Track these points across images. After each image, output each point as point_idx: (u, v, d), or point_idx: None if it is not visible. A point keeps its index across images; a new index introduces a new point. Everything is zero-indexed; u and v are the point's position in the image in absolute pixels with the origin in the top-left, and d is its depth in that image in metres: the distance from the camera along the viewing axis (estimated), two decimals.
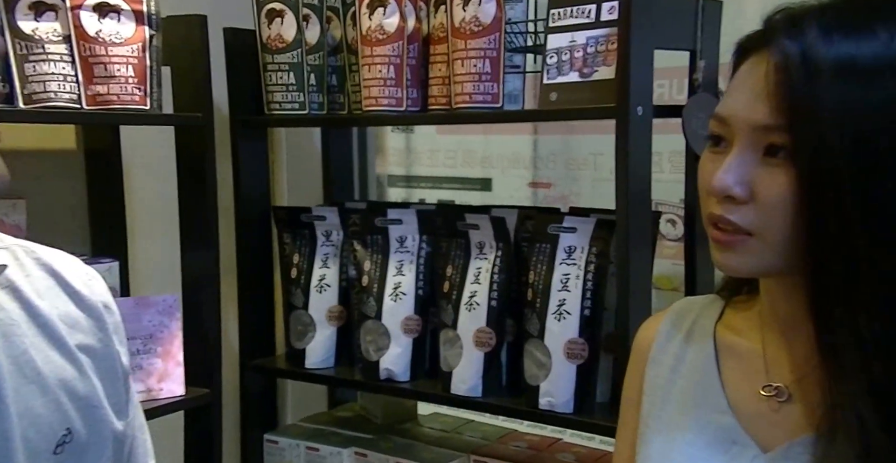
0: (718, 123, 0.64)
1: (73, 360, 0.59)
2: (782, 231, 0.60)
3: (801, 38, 0.58)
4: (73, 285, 0.62)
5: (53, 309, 0.60)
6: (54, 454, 0.56)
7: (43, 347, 0.58)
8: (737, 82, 0.64)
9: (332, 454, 1.29)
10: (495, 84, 1.08)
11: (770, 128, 0.60)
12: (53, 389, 0.57)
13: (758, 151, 0.61)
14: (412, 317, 1.20)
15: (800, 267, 0.61)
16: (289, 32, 1.23)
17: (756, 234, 0.61)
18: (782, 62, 0.59)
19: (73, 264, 0.65)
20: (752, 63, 0.62)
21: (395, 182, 1.79)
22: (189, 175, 1.19)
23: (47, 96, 1.00)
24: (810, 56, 0.58)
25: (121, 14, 1.03)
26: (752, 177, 0.61)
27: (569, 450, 1.24)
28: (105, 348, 0.62)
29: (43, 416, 0.56)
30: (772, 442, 0.65)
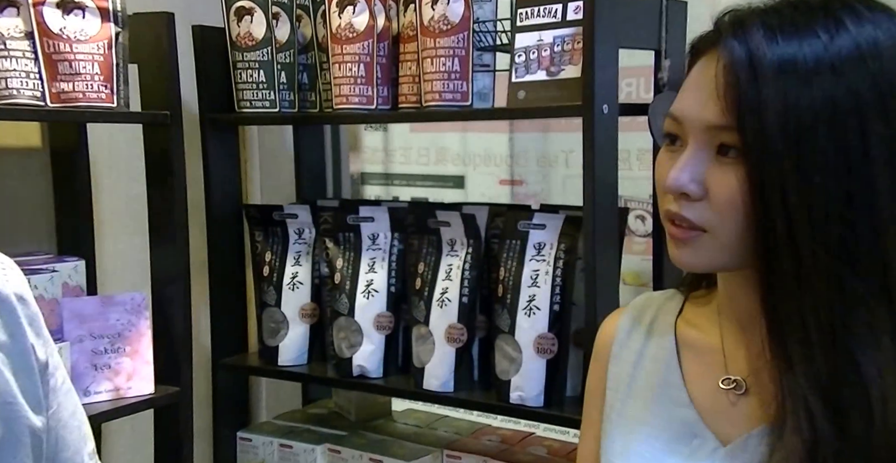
0: (673, 122, 0.65)
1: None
2: (734, 228, 0.62)
3: (747, 39, 0.60)
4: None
5: None
6: None
7: None
8: (689, 82, 0.65)
9: (306, 451, 1.29)
10: (464, 82, 1.08)
11: (721, 128, 0.61)
12: None
13: (711, 150, 0.63)
14: (384, 314, 1.21)
15: (751, 263, 0.63)
16: (258, 30, 1.23)
17: (710, 230, 0.63)
18: (730, 63, 0.60)
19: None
20: (704, 63, 0.64)
21: (369, 180, 1.80)
22: (157, 173, 1.18)
23: (9, 93, 0.99)
24: (755, 57, 0.59)
25: (85, 11, 1.02)
26: (706, 175, 0.62)
27: (541, 443, 1.26)
28: (17, 343, 0.60)
29: None
30: (731, 435, 0.67)
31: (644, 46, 1.07)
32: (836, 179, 0.59)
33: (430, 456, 1.23)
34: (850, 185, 0.59)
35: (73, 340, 1.08)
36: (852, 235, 0.59)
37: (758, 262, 0.62)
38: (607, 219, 1.00)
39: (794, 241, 0.59)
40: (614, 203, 1.01)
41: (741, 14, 0.63)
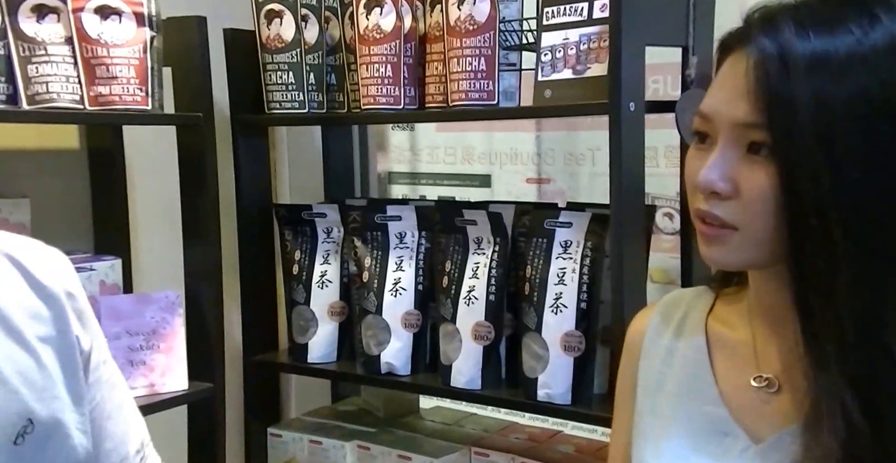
0: (702, 121, 0.65)
1: (31, 351, 0.59)
2: (766, 225, 0.62)
3: (778, 35, 0.60)
4: (35, 276, 0.62)
5: (12, 302, 0.60)
6: (14, 445, 0.56)
7: (1, 340, 0.58)
8: (719, 80, 0.65)
9: (335, 447, 1.30)
10: (490, 82, 1.09)
11: (751, 125, 0.61)
12: (11, 381, 0.58)
13: (741, 148, 0.62)
14: (412, 312, 1.22)
15: (783, 260, 0.63)
16: (287, 32, 1.25)
17: (741, 228, 0.63)
18: (760, 60, 0.60)
19: (37, 253, 0.64)
20: (733, 61, 0.64)
21: (396, 179, 1.81)
22: (190, 173, 1.21)
23: (50, 97, 1.02)
24: (786, 53, 0.59)
25: (122, 16, 1.05)
26: (736, 173, 0.62)
27: (569, 441, 1.26)
28: (64, 338, 0.62)
29: (1, 408, 0.57)
30: (762, 433, 0.67)
31: (671, 43, 1.07)
32: (870, 175, 0.58)
33: (458, 453, 1.23)
34: (884, 180, 0.59)
35: (109, 337, 1.11)
36: (886, 230, 0.59)
37: (789, 259, 0.62)
38: (634, 216, 1.00)
39: (827, 237, 0.59)
40: (641, 201, 1.01)
41: (771, 10, 0.62)
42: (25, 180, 1.18)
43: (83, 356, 0.64)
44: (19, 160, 1.19)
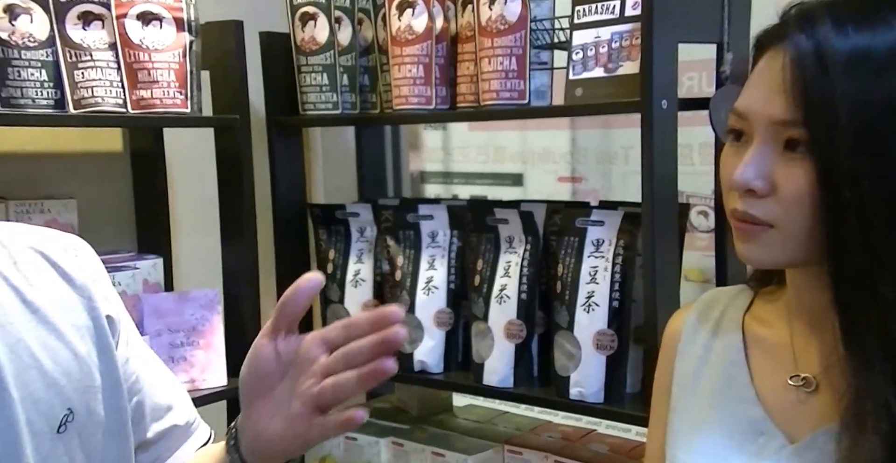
0: (738, 118, 0.65)
1: (67, 342, 0.61)
2: (803, 223, 0.61)
3: (815, 32, 0.59)
4: (62, 266, 0.64)
5: (45, 294, 0.61)
6: (57, 433, 0.58)
7: (38, 333, 0.60)
8: (754, 77, 0.65)
9: (370, 444, 1.32)
10: (521, 81, 1.09)
11: (788, 123, 0.61)
12: (51, 372, 0.59)
13: (777, 146, 0.62)
14: (444, 310, 1.23)
15: (821, 258, 0.62)
16: (321, 34, 1.27)
17: (776, 225, 0.62)
18: (797, 57, 0.60)
19: (61, 243, 0.66)
20: (769, 58, 0.63)
21: (429, 178, 1.82)
22: (228, 174, 1.23)
23: (95, 101, 1.05)
24: (824, 50, 0.59)
25: (162, 22, 1.08)
26: (773, 171, 0.62)
27: (602, 441, 1.25)
28: (97, 324, 0.64)
29: (44, 399, 0.59)
30: (798, 432, 0.66)
31: (705, 40, 1.06)
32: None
33: (492, 450, 1.24)
34: None
35: (152, 334, 1.14)
36: None
37: (828, 257, 0.61)
38: (667, 215, 0.99)
39: (867, 235, 0.58)
40: (674, 199, 1.01)
41: (809, 7, 0.62)
42: (72, 182, 1.22)
43: (115, 336, 0.66)
44: (67, 163, 1.24)
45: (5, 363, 0.57)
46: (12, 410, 0.56)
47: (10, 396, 0.56)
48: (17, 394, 0.56)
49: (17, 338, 0.58)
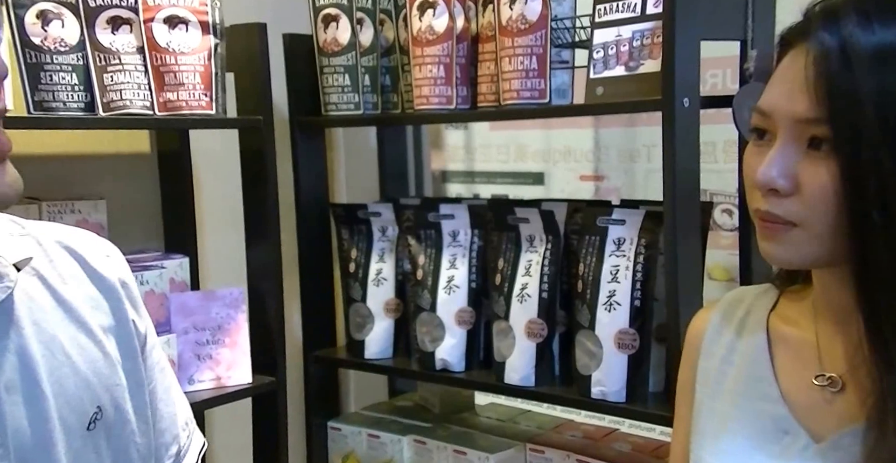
0: (761, 117, 0.65)
1: (97, 341, 0.63)
2: (827, 222, 0.61)
3: (839, 29, 0.59)
4: (93, 266, 0.65)
5: (77, 293, 0.63)
6: (87, 430, 0.60)
7: (70, 331, 0.61)
8: (778, 75, 0.64)
9: (392, 442, 1.33)
10: (542, 80, 1.10)
11: (811, 121, 0.60)
12: (82, 370, 0.61)
13: (801, 144, 0.62)
14: (465, 309, 1.24)
15: (846, 257, 0.61)
16: (343, 36, 1.28)
17: (800, 224, 0.62)
18: (821, 54, 0.59)
19: (92, 244, 0.67)
20: (793, 55, 0.63)
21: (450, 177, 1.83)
22: (252, 174, 1.25)
23: (123, 104, 1.07)
24: (849, 46, 0.58)
25: (188, 25, 1.10)
26: (796, 170, 0.61)
27: (626, 440, 1.25)
28: (123, 326, 0.65)
29: (75, 396, 0.60)
30: (824, 432, 0.66)
31: (728, 37, 1.05)
32: None
33: (514, 449, 1.24)
34: None
35: (179, 332, 1.16)
36: None
37: (852, 257, 0.61)
38: (689, 214, 0.99)
39: (892, 234, 0.58)
40: (696, 198, 1.00)
41: (833, 4, 0.62)
42: (102, 183, 1.24)
43: (140, 341, 0.67)
44: (96, 164, 1.26)
45: (39, 360, 0.58)
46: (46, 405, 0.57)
47: (44, 392, 0.58)
48: (50, 390, 0.58)
49: (50, 335, 0.60)
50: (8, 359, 0.57)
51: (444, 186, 1.82)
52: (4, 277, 0.57)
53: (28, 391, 0.57)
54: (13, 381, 0.56)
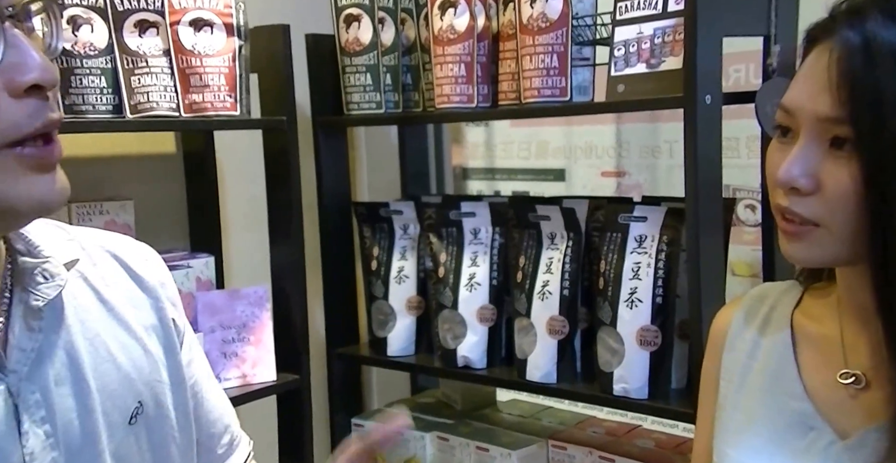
0: (784, 115, 0.64)
1: (138, 339, 0.65)
2: (848, 222, 0.61)
3: (864, 27, 0.59)
4: (133, 269, 0.68)
5: (119, 294, 0.66)
6: (129, 424, 0.62)
7: (113, 330, 0.64)
8: (802, 73, 0.64)
9: (415, 438, 1.34)
10: (563, 78, 1.10)
11: (834, 120, 0.60)
12: (125, 366, 0.63)
13: (824, 143, 0.62)
14: (487, 306, 1.24)
15: (866, 257, 0.61)
16: (365, 35, 1.29)
17: (822, 224, 0.62)
18: (844, 52, 0.59)
19: (132, 248, 0.70)
20: (817, 53, 0.63)
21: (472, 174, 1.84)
22: (275, 174, 1.26)
23: (150, 106, 1.09)
24: (873, 45, 0.58)
25: (213, 27, 1.11)
26: (818, 169, 0.61)
27: (648, 436, 1.25)
28: (163, 324, 0.68)
29: (118, 391, 0.62)
30: (849, 429, 0.66)
31: (751, 33, 1.04)
32: None
33: (536, 445, 1.25)
34: None
35: (205, 331, 1.18)
36: None
37: (872, 256, 0.61)
38: (711, 210, 0.99)
39: None
40: (718, 194, 1.00)
41: (858, 2, 0.61)
42: (129, 184, 1.26)
43: (180, 338, 0.70)
44: (124, 165, 1.28)
45: (84, 356, 0.61)
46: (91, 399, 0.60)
47: (89, 386, 0.60)
48: (94, 385, 0.60)
49: (94, 333, 0.62)
50: (57, 354, 0.59)
51: (466, 183, 1.83)
52: (56, 276, 0.59)
53: (75, 385, 0.59)
54: (62, 375, 0.59)
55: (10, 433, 0.55)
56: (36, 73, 0.51)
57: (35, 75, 0.51)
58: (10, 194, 0.52)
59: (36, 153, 0.52)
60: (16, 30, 0.52)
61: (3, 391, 0.55)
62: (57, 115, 0.54)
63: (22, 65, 0.51)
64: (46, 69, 0.52)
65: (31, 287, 0.58)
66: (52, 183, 0.53)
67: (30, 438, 0.55)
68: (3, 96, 0.50)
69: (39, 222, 0.63)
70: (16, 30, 0.52)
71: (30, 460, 0.55)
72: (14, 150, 0.51)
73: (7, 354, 0.56)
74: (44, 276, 0.59)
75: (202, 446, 0.71)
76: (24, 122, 0.51)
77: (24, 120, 0.51)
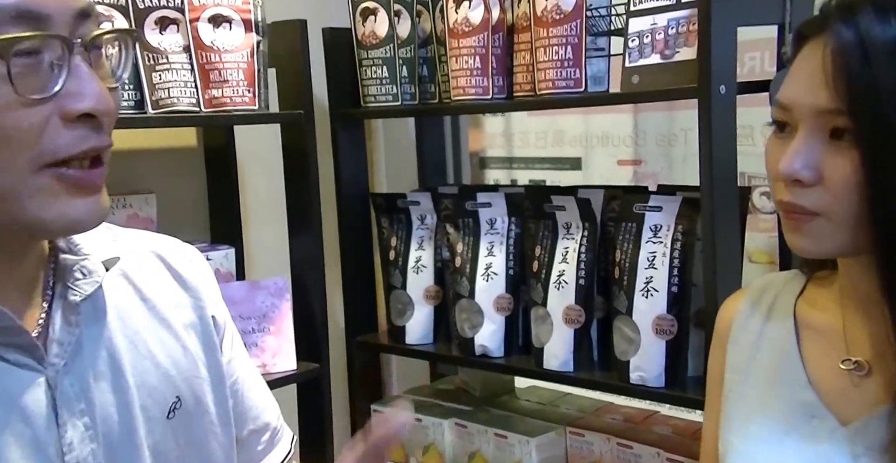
0: (780, 110, 0.65)
1: (178, 337, 0.67)
2: (850, 212, 0.61)
3: (857, 22, 0.59)
4: (176, 269, 0.70)
5: (161, 293, 0.68)
6: (167, 419, 0.64)
7: (153, 328, 0.66)
8: (796, 68, 0.65)
9: (434, 425, 1.36)
10: (577, 69, 1.10)
11: (833, 111, 0.61)
12: (163, 363, 0.65)
13: (823, 135, 0.62)
14: (504, 295, 1.26)
15: (868, 247, 0.62)
16: (381, 28, 1.30)
17: (824, 214, 0.63)
18: (839, 48, 0.60)
19: (177, 249, 0.72)
20: (810, 49, 0.63)
21: (489, 163, 1.85)
22: (294, 167, 1.28)
23: (171, 102, 1.11)
24: (866, 39, 0.59)
25: (232, 23, 1.13)
26: (819, 160, 0.62)
27: (666, 423, 1.25)
28: (204, 323, 0.70)
29: (156, 387, 0.63)
30: (851, 415, 0.67)
31: (766, 22, 1.04)
32: None
33: (554, 432, 1.26)
34: None
35: None
36: None
37: (875, 246, 0.61)
38: (726, 200, 0.99)
39: None
40: (732, 184, 1.00)
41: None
42: (152, 178, 1.29)
43: (220, 335, 0.72)
44: (146, 159, 1.31)
45: (124, 353, 0.63)
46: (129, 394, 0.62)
47: (127, 382, 0.62)
48: (132, 381, 0.62)
49: (134, 330, 0.65)
50: (97, 350, 0.61)
51: (483, 173, 1.84)
52: (94, 273, 0.61)
53: (114, 381, 0.61)
54: (101, 370, 0.61)
55: (49, 424, 0.57)
56: (89, 103, 0.52)
57: (88, 104, 0.52)
58: (42, 215, 0.53)
59: (79, 175, 0.53)
60: (79, 58, 0.53)
61: (43, 383, 0.57)
62: (106, 142, 0.55)
63: (78, 94, 0.52)
64: (101, 100, 0.53)
65: (70, 283, 0.60)
66: (91, 205, 0.55)
67: (68, 429, 0.57)
68: (55, 121, 0.52)
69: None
70: (79, 58, 0.53)
71: (68, 451, 0.57)
72: (56, 170, 0.53)
73: (47, 348, 0.58)
74: (82, 272, 0.61)
75: (241, 442, 0.73)
76: (69, 144, 0.52)
77: (68, 142, 0.52)
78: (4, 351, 0.56)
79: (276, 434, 0.77)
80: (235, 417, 0.71)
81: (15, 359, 0.56)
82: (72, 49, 0.52)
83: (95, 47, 0.56)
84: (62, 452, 0.57)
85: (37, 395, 0.56)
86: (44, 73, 0.52)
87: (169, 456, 0.64)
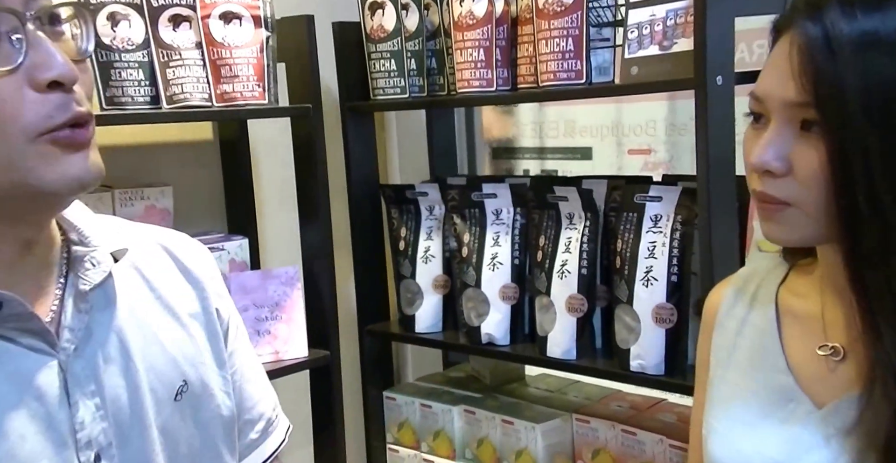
0: (755, 102, 0.67)
1: (184, 326, 0.71)
2: (819, 202, 0.63)
3: (822, 18, 0.60)
4: (183, 262, 0.74)
5: (168, 284, 0.72)
6: (175, 401, 0.68)
7: (160, 316, 0.70)
8: (769, 62, 0.66)
9: (444, 411, 1.39)
10: (579, 61, 1.11)
11: (802, 104, 0.62)
12: (170, 350, 0.68)
13: (794, 126, 0.64)
14: (509, 285, 1.28)
15: (836, 235, 0.63)
16: (389, 22, 1.32)
17: (795, 204, 0.64)
18: (804, 43, 0.61)
19: (184, 244, 0.76)
20: (782, 43, 0.65)
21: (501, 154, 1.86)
22: (303, 159, 1.31)
23: (184, 97, 1.15)
24: (832, 35, 0.60)
25: (241, 20, 1.16)
26: (790, 151, 0.64)
27: (671, 410, 1.26)
28: (208, 313, 0.74)
29: (164, 371, 0.67)
30: (825, 399, 0.68)
31: (764, 12, 1.03)
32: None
33: (560, 419, 1.28)
34: None
35: (239, 310, 1.22)
36: None
37: (841, 236, 0.63)
38: (723, 190, 1.00)
39: (877, 213, 0.60)
40: (731, 174, 1.01)
41: None
42: (169, 170, 1.33)
43: (223, 327, 0.75)
44: (163, 153, 1.35)
45: (132, 338, 0.67)
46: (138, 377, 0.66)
47: (136, 366, 0.66)
48: (141, 365, 0.67)
49: (142, 318, 0.69)
50: (107, 336, 0.65)
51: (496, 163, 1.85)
52: (102, 263, 0.65)
53: (123, 365, 0.65)
54: (111, 355, 0.65)
55: (62, 404, 0.60)
56: (56, 70, 0.56)
57: (55, 72, 0.56)
58: (49, 177, 0.57)
59: (68, 134, 0.57)
60: (40, 32, 0.56)
61: (55, 366, 0.61)
62: (85, 109, 0.59)
63: (43, 64, 0.56)
64: (66, 68, 0.56)
65: (80, 273, 0.64)
66: (84, 161, 0.58)
67: (80, 408, 0.61)
68: (27, 91, 0.56)
69: (102, 217, 0.69)
70: (40, 32, 0.56)
71: (80, 429, 0.61)
72: (49, 136, 0.57)
73: (59, 334, 0.62)
74: (92, 263, 0.65)
75: (237, 431, 0.76)
76: (55, 113, 0.56)
77: (54, 112, 0.56)
78: (19, 335, 0.60)
79: (270, 424, 0.80)
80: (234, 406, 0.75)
81: (28, 343, 0.60)
82: (24, 22, 0.55)
83: (54, 23, 0.59)
84: (74, 430, 0.60)
85: (49, 377, 0.60)
86: (5, 47, 0.55)
87: (177, 436, 0.68)
